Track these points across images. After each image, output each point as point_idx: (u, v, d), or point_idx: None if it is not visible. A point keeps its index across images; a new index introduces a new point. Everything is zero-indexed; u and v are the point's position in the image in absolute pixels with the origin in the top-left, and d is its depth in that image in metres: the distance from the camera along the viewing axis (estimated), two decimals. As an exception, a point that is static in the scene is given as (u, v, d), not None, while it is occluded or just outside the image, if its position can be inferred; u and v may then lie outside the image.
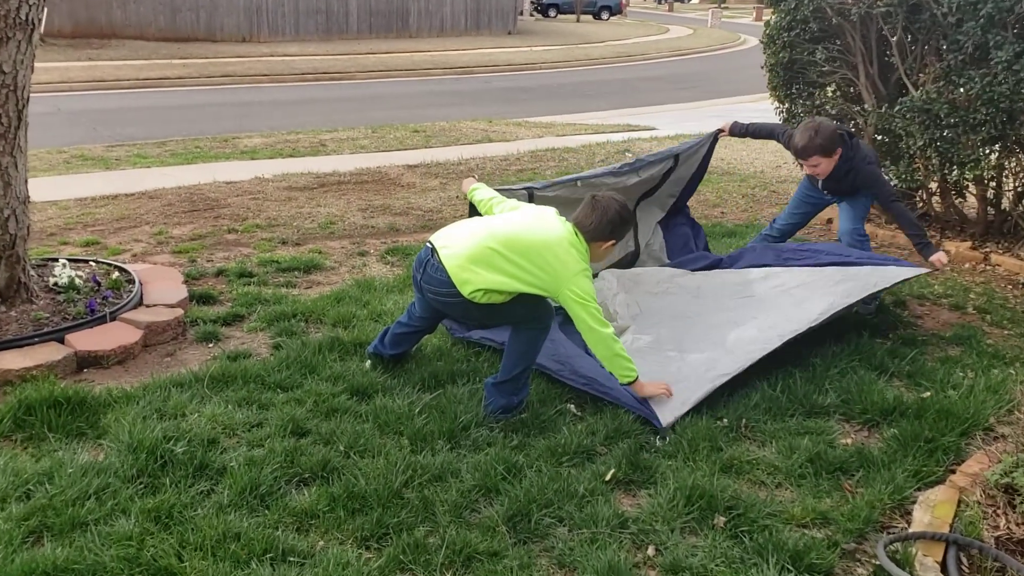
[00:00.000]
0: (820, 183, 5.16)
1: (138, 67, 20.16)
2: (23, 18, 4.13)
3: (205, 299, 5.13)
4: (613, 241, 3.68)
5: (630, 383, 3.59)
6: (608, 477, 3.23)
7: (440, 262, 3.62)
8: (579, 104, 17.07)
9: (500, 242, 3.55)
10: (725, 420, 3.69)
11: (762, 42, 7.27)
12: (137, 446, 3.25)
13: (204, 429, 3.48)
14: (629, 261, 5.54)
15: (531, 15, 47.78)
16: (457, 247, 3.63)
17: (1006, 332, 4.89)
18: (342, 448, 3.38)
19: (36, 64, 4.51)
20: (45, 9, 4.18)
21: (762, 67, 7.32)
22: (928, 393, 3.94)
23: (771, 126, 5.48)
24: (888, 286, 4.54)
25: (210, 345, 4.51)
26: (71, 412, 3.56)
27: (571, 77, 22.56)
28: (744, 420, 3.69)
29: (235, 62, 21.96)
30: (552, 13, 49.98)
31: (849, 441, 3.62)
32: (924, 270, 4.74)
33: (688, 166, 5.56)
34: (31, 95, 4.48)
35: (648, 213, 5.67)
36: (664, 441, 3.52)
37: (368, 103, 16.60)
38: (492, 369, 4.11)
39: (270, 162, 9.80)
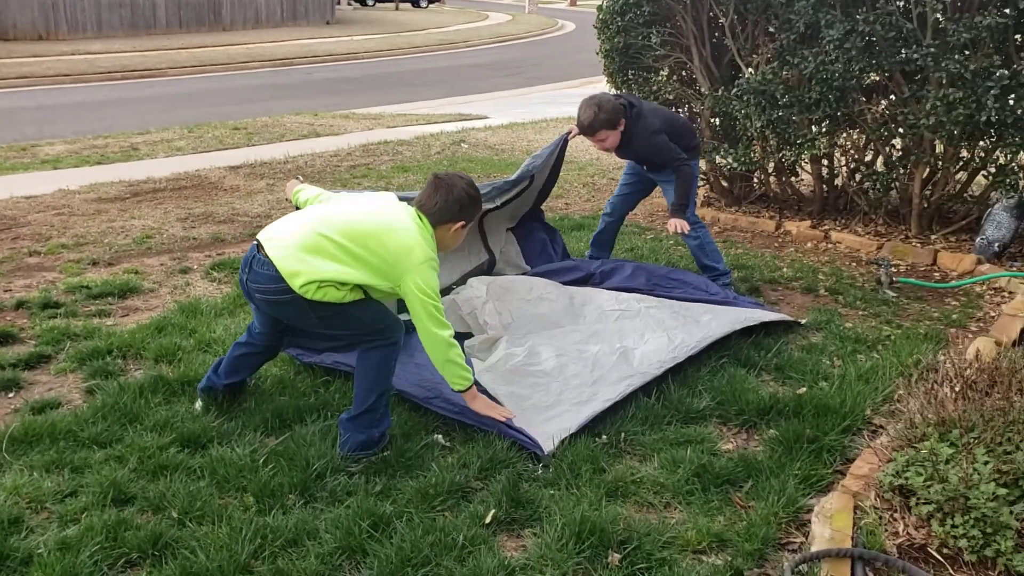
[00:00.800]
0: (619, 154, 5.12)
1: (-87, 70, 18.16)
2: None
3: (3, 338, 4.44)
4: (462, 223, 3.37)
5: (463, 391, 3.32)
6: (488, 519, 2.90)
7: (266, 256, 3.21)
8: (406, 94, 16.62)
9: (334, 229, 3.20)
10: (604, 436, 3.43)
11: (595, 27, 7.10)
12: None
13: (3, 507, 2.91)
14: (485, 269, 5.24)
15: (349, 4, 46.70)
16: (285, 239, 3.25)
17: (861, 313, 4.89)
18: (175, 515, 2.89)
19: None
20: None
21: (597, 53, 7.16)
22: (803, 389, 3.83)
23: None
24: (750, 325, 4.42)
25: (10, 395, 3.87)
26: None
27: (395, 66, 22.02)
28: (623, 434, 3.45)
29: (31, 62, 20.14)
30: (370, 2, 49.08)
31: (731, 447, 3.44)
32: (785, 316, 4.67)
33: (541, 175, 5.34)
34: None
35: (497, 222, 5.38)
36: (547, 470, 3.23)
37: (182, 101, 15.53)
38: (345, 401, 3.69)
39: (76, 171, 8.87)
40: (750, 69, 6.40)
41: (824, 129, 6.15)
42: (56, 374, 4.07)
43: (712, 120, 6.96)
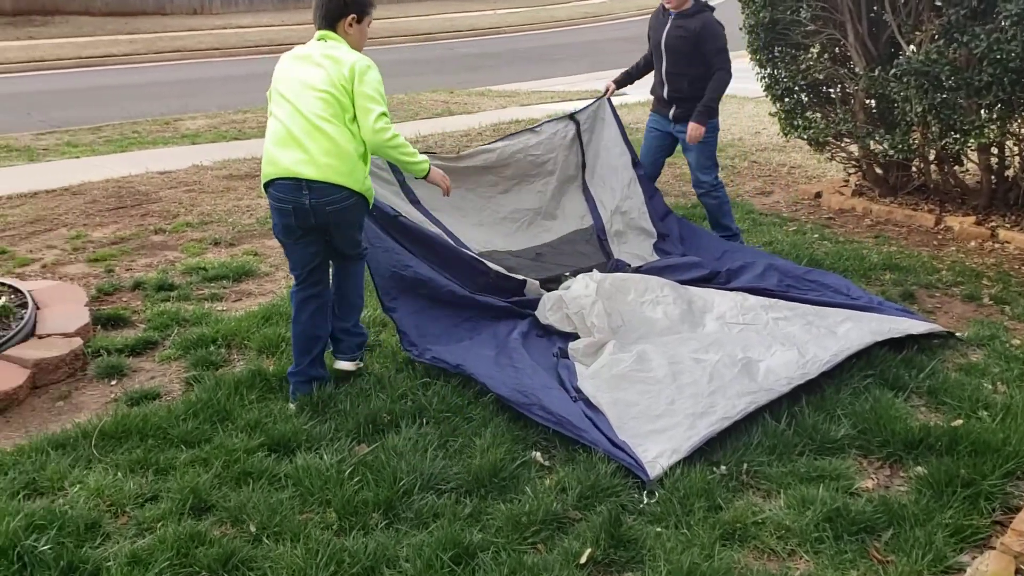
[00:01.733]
0: (664, 37, 5.21)
1: (81, 45, 19.12)
2: None
3: (115, 322, 4.43)
4: (354, 16, 3.53)
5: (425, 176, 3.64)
6: (584, 559, 2.59)
7: (318, 181, 3.34)
8: (545, 69, 16.30)
9: (308, 110, 3.38)
10: (723, 467, 3.06)
11: (740, 0, 6.59)
12: (-10, 544, 2.58)
13: (83, 509, 2.81)
14: (601, 258, 4.93)
15: (495, -23, 46.65)
16: (306, 155, 3.36)
17: (1031, 328, 4.30)
18: (253, 529, 2.72)
19: None
20: None
21: (740, 28, 6.64)
22: (959, 421, 3.33)
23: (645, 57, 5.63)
24: (897, 336, 3.92)
25: (112, 383, 3.83)
26: (-83, 493, 2.88)
27: (537, 40, 21.72)
28: (745, 465, 3.07)
29: (185, 36, 20.93)
30: (516, -26, 48.86)
31: (871, 485, 3.01)
32: (937, 327, 4.13)
33: (599, 136, 5.54)
34: None
35: (604, 178, 5.41)
36: (652, 499, 2.90)
37: (323, 76, 15.73)
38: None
39: (212, 146, 9.01)
40: (912, 47, 5.76)
41: (995, 115, 5.47)
42: (160, 362, 4.01)
43: (867, 102, 6.35)
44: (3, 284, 4.54)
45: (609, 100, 5.70)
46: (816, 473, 3.03)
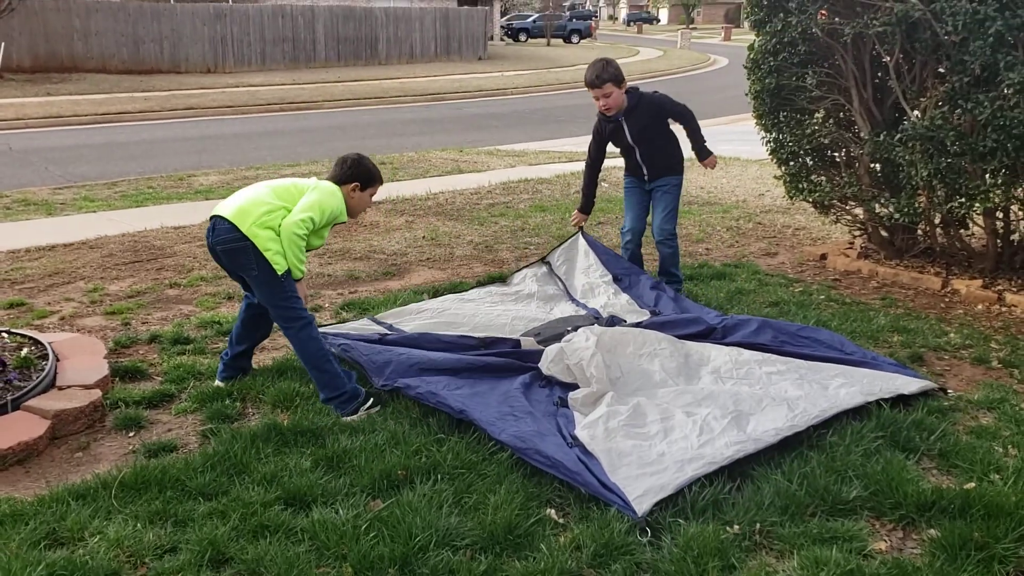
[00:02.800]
0: (629, 136, 5.63)
1: (97, 101, 19.49)
2: None
3: (132, 374, 4.49)
4: (356, 184, 4.22)
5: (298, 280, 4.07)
6: (598, 617, 2.61)
7: (221, 216, 3.98)
8: (553, 130, 16.57)
9: (270, 188, 4.07)
10: (736, 526, 3.08)
11: (745, 67, 6.74)
12: (9, 595, 2.61)
13: (103, 559, 2.83)
14: (604, 323, 5.03)
15: (501, 40, 47.55)
16: (233, 200, 4.07)
17: (1040, 391, 4.33)
18: (270, 583, 2.75)
19: None
20: (3, 45, 3.63)
21: (746, 94, 6.80)
22: (971, 484, 3.35)
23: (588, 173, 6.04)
24: (887, 396, 4.01)
25: (130, 434, 3.87)
26: (-62, 542, 2.91)
27: (543, 102, 22.09)
28: (758, 524, 3.09)
29: (199, 94, 21.34)
30: (523, 38, 49.82)
31: (883, 547, 3.02)
32: (932, 384, 4.24)
33: (573, 266, 5.97)
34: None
35: (589, 292, 5.70)
36: (647, 537, 2.98)
37: (335, 133, 16.00)
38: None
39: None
40: (916, 112, 5.89)
41: (1000, 180, 5.58)
42: (176, 414, 4.06)
43: (872, 166, 6.46)
44: (24, 336, 4.61)
45: (582, 232, 6.19)
46: (829, 534, 3.05)
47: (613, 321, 5.03)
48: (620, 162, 6.02)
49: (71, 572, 2.73)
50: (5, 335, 4.62)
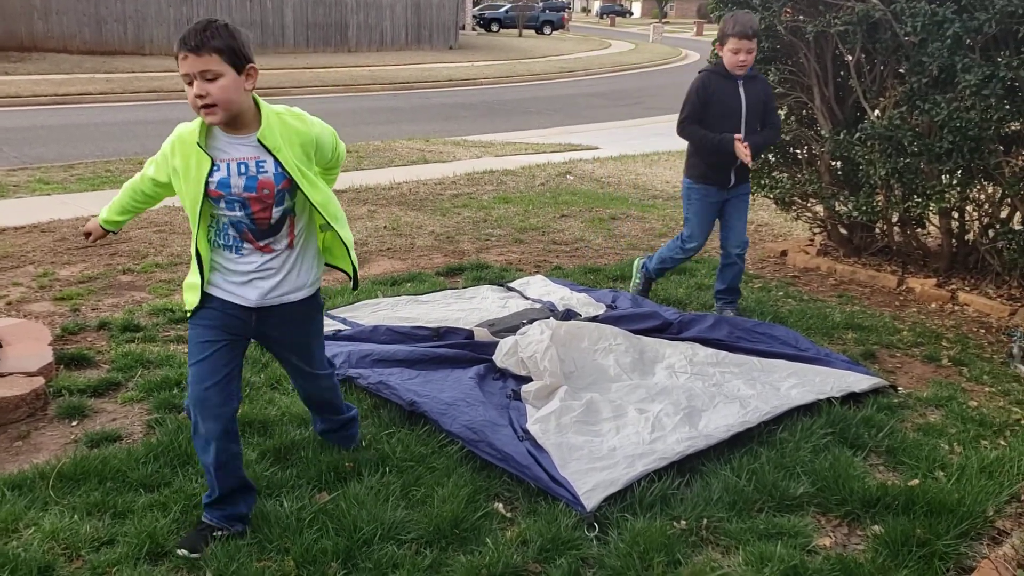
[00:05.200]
0: (745, 103, 5.00)
1: (57, 82, 19.13)
2: None
3: (79, 362, 4.40)
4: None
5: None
6: (541, 613, 2.60)
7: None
8: (521, 121, 16.53)
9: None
10: (683, 521, 3.08)
11: (709, 62, 6.74)
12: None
13: (37, 552, 2.77)
14: (560, 316, 5.00)
15: (473, 30, 47.38)
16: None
17: (987, 389, 4.37)
18: (209, 576, 2.70)
19: None
20: None
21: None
22: (916, 480, 3.38)
23: None
24: (836, 395, 4.04)
25: (73, 423, 3.79)
26: None
27: (513, 93, 22.03)
28: (705, 520, 3.09)
29: (163, 76, 21.00)
30: (495, 28, 49.69)
31: (828, 543, 3.04)
32: (883, 382, 4.30)
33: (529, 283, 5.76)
34: None
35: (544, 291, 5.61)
36: (593, 531, 2.97)
37: (300, 121, 15.82)
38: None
39: (184, 188, 9.01)
40: (876, 112, 5.93)
41: (955, 181, 5.63)
42: (122, 403, 3.98)
43: (832, 164, 6.50)
44: (-34, 321, 4.50)
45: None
46: (775, 530, 3.06)
47: (569, 315, 5.01)
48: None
49: (3, 564, 2.67)
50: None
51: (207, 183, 2.73)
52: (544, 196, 8.95)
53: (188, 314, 2.93)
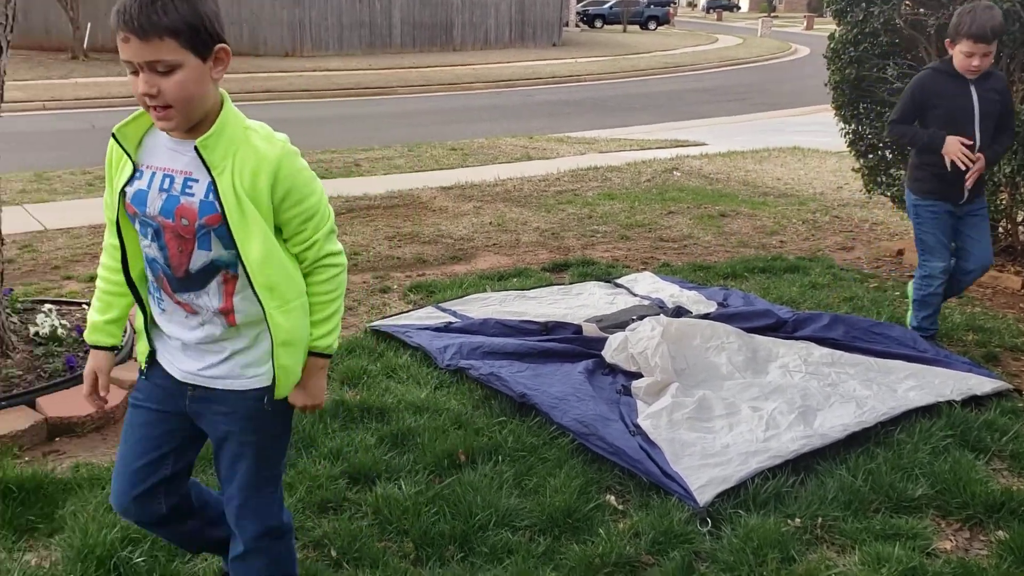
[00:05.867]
0: (977, 106, 4.31)
1: (178, 83, 19.96)
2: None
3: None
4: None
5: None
6: (655, 603, 2.63)
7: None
8: (624, 118, 16.47)
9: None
10: (797, 519, 3.06)
11: (825, 56, 6.61)
12: (88, 553, 2.72)
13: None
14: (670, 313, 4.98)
15: (576, 26, 47.34)
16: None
17: (1121, 395, 4.18)
18: (334, 554, 2.82)
19: (77, 80, 4.07)
20: (89, 25, 3.73)
21: (825, 84, 6.67)
22: (1044, 486, 3.28)
23: None
24: (957, 399, 3.92)
25: (203, 406, 3.99)
26: (22, 502, 3.05)
27: (617, 89, 21.96)
28: (820, 519, 3.06)
29: (276, 77, 21.73)
30: (598, 24, 49.53)
31: (948, 546, 2.97)
32: (1006, 385, 4.14)
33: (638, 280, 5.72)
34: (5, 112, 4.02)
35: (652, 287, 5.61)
36: (707, 527, 2.98)
37: (408, 119, 16.16)
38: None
39: (300, 184, 9.32)
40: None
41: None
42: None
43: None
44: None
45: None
46: (892, 531, 3.01)
47: (679, 312, 5.00)
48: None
49: (144, 535, 2.83)
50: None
51: (124, 191, 2.03)
52: (650, 193, 8.92)
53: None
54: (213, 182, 1.94)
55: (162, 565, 2.72)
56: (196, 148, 1.94)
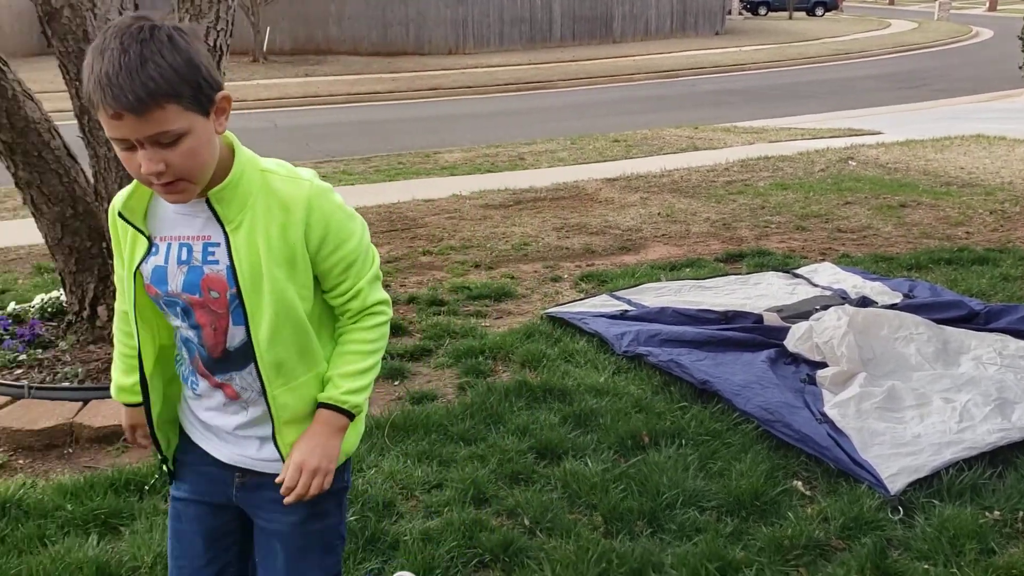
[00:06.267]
0: None
1: (350, 82, 20.88)
2: (210, 44, 4.02)
3: (396, 330, 4.88)
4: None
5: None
6: (848, 586, 2.63)
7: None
8: (792, 107, 16.02)
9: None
10: (997, 512, 2.97)
11: (1020, 38, 6.27)
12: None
13: (380, 489, 3.16)
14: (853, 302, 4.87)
15: (740, 14, 46.27)
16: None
17: None
18: (527, 523, 2.96)
19: (258, 81, 4.42)
20: (268, 29, 4.06)
21: (1020, 67, 6.32)
22: None
23: None
24: None
25: (395, 383, 4.24)
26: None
27: (783, 78, 21.37)
28: (1021, 512, 2.96)
29: (441, 75, 22.34)
30: (763, 11, 48.25)
31: None
32: None
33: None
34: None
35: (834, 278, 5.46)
36: (898, 515, 2.95)
37: (569, 112, 16.30)
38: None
39: (468, 178, 9.61)
40: None
41: None
42: (435, 368, 4.39)
43: None
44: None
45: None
46: (1102, 529, 2.88)
47: (864, 302, 4.87)
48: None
49: (355, 497, 3.07)
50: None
51: (138, 271, 1.72)
52: (825, 182, 8.68)
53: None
54: (227, 238, 1.65)
55: (372, 524, 2.93)
56: (208, 201, 1.65)
